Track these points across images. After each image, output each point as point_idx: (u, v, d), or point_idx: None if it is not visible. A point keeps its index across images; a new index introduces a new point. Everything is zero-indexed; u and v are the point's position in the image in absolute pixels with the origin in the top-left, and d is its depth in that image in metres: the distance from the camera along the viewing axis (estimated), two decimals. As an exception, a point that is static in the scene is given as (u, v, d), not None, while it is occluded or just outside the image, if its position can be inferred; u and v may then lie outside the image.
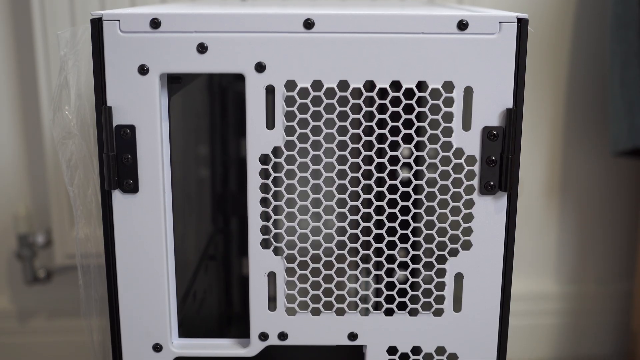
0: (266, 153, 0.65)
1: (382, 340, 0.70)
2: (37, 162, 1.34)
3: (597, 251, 1.50)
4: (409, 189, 0.67)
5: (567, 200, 1.46)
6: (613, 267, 1.51)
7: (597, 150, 1.44)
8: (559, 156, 1.43)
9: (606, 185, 1.46)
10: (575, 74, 1.38)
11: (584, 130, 1.42)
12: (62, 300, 1.41)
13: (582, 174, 1.45)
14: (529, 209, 1.45)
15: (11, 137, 1.33)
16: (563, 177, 1.44)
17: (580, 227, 1.48)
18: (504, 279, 0.68)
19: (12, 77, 1.30)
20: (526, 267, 1.48)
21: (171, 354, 0.70)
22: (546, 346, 1.52)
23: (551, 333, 1.52)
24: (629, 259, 1.51)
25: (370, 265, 0.69)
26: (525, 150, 1.37)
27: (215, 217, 1.14)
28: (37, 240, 1.34)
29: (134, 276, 0.68)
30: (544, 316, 1.51)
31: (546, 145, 1.42)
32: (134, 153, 0.65)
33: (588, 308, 1.52)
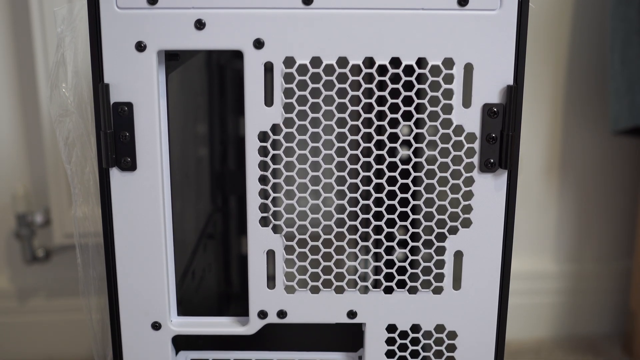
0: (265, 130, 0.65)
1: (382, 318, 0.70)
2: (35, 141, 1.33)
3: (596, 230, 1.50)
4: (408, 167, 0.67)
5: (567, 178, 1.46)
6: (612, 246, 1.51)
7: (597, 129, 1.43)
8: (558, 134, 1.43)
9: (606, 164, 1.46)
10: (576, 51, 1.38)
11: (584, 109, 1.42)
12: (62, 280, 1.41)
13: (582, 153, 1.45)
14: (528, 187, 1.44)
15: (8, 116, 1.32)
16: (563, 156, 1.44)
17: (579, 205, 1.48)
18: (503, 256, 0.68)
19: (9, 55, 1.29)
20: (525, 245, 1.48)
21: (170, 332, 0.70)
22: (544, 325, 1.52)
23: (550, 312, 1.52)
24: (628, 238, 1.51)
25: (370, 243, 0.69)
26: (525, 129, 1.36)
27: (214, 196, 1.13)
28: (36, 219, 1.34)
29: (133, 254, 0.68)
30: (543, 295, 1.51)
31: (546, 124, 1.42)
32: (132, 130, 0.65)
33: (587, 287, 1.52)
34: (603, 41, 1.37)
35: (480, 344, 0.70)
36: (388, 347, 0.71)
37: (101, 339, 0.78)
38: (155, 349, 0.71)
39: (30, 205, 1.35)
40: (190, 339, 0.74)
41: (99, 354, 0.78)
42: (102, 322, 0.79)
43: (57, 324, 1.42)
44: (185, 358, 0.73)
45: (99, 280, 0.76)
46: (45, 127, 1.27)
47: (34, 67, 1.27)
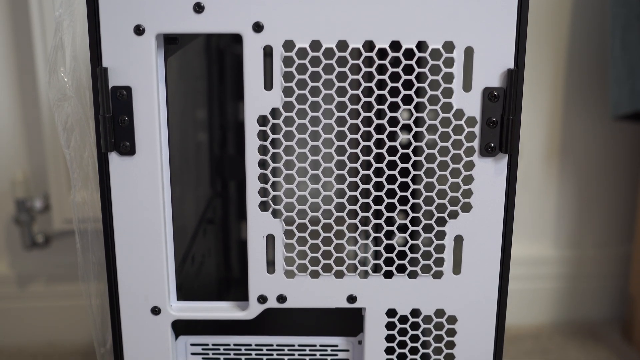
0: (264, 114, 0.65)
1: (382, 302, 0.70)
2: (34, 126, 1.33)
3: (596, 215, 1.50)
4: (408, 151, 0.67)
5: (567, 164, 1.45)
6: (612, 231, 1.51)
7: (598, 114, 1.43)
8: (559, 120, 1.42)
9: (606, 149, 1.46)
10: (577, 36, 1.37)
11: (585, 94, 1.41)
12: (61, 265, 1.41)
13: (582, 138, 1.44)
14: (528, 173, 1.44)
15: (7, 102, 1.32)
16: (563, 141, 1.44)
17: (579, 191, 1.48)
18: (504, 241, 0.68)
19: (7, 40, 1.29)
20: (525, 231, 1.48)
21: (169, 317, 0.70)
22: (544, 310, 1.53)
23: (549, 297, 1.52)
24: (628, 223, 1.51)
25: (370, 227, 0.69)
26: (525, 114, 1.36)
27: (214, 181, 1.13)
28: (35, 205, 1.34)
29: (132, 239, 0.68)
30: (542, 280, 1.51)
31: (546, 109, 1.41)
32: (131, 115, 0.65)
33: (586, 272, 1.52)
34: (604, 26, 1.36)
35: (480, 329, 0.70)
36: (388, 332, 0.71)
37: (101, 324, 0.78)
38: (154, 333, 0.70)
39: (30, 190, 1.34)
40: (190, 324, 0.74)
41: (98, 340, 0.78)
42: (101, 307, 0.78)
43: (56, 309, 1.42)
44: (185, 343, 0.73)
45: (98, 266, 0.76)
46: (44, 112, 1.26)
47: (32, 52, 1.27)
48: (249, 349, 0.74)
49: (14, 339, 1.43)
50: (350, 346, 0.73)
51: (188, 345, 0.74)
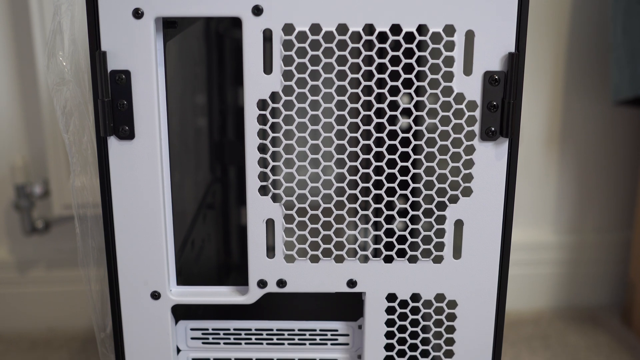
0: (264, 98, 0.64)
1: (382, 287, 0.70)
2: (33, 111, 1.33)
3: (596, 201, 1.50)
4: (408, 135, 0.66)
5: (567, 149, 1.45)
6: (612, 217, 1.51)
7: (598, 99, 1.42)
8: (559, 104, 1.42)
9: (607, 135, 1.45)
10: (578, 21, 1.37)
11: (585, 79, 1.41)
12: (61, 251, 1.41)
13: (583, 123, 1.44)
14: (528, 158, 1.44)
15: (6, 87, 1.32)
16: (563, 126, 1.43)
17: (579, 176, 1.47)
18: (504, 225, 0.68)
19: (6, 24, 1.28)
20: (525, 216, 1.48)
21: (169, 301, 0.70)
22: (544, 295, 1.53)
23: (549, 282, 1.52)
24: (628, 209, 1.50)
25: (370, 212, 0.69)
26: (525, 100, 1.36)
27: (214, 167, 1.13)
28: (35, 190, 1.34)
29: (131, 223, 0.67)
30: (542, 266, 1.51)
31: (546, 94, 1.41)
32: (130, 99, 0.64)
33: (586, 258, 1.52)
34: (605, 11, 1.36)
35: (480, 313, 0.70)
36: (388, 316, 0.71)
37: (100, 310, 0.78)
38: (154, 318, 0.70)
39: (29, 176, 1.34)
40: (190, 309, 0.74)
41: (98, 324, 0.78)
42: (101, 292, 0.78)
43: (56, 295, 1.42)
44: (185, 327, 0.73)
45: (97, 251, 0.76)
46: (43, 97, 1.26)
47: (30, 36, 1.26)
48: (248, 333, 0.74)
49: (14, 324, 1.43)
50: (350, 331, 0.73)
51: (188, 329, 0.74)
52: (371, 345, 0.72)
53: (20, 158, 1.33)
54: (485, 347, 0.72)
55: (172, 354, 0.72)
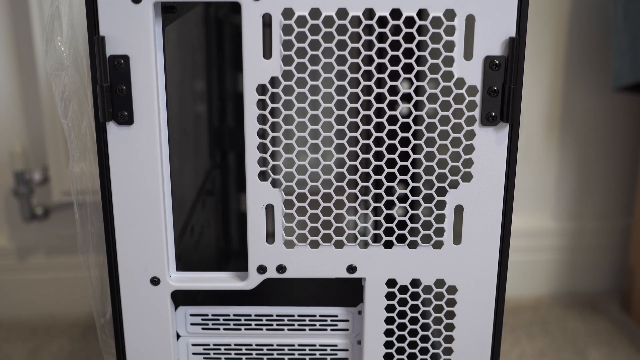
0: (263, 83, 0.64)
1: (382, 272, 0.69)
2: (32, 97, 1.32)
3: (596, 187, 1.50)
4: (408, 120, 0.66)
5: (567, 136, 1.45)
6: (612, 203, 1.51)
7: (599, 85, 1.42)
8: (559, 91, 1.42)
9: (607, 121, 1.45)
10: (578, 6, 1.36)
11: (586, 65, 1.41)
12: (61, 237, 1.41)
13: (583, 109, 1.44)
14: (528, 144, 1.44)
15: (4, 72, 1.31)
16: (563, 113, 1.43)
17: (579, 163, 1.47)
18: (504, 210, 0.67)
19: (3, 8, 1.28)
20: (525, 203, 1.48)
21: (169, 287, 0.70)
22: (544, 281, 1.53)
23: (549, 269, 1.52)
24: (628, 195, 1.50)
25: (370, 197, 0.68)
26: (525, 86, 1.35)
27: (213, 153, 1.13)
28: (34, 177, 1.33)
29: (131, 209, 0.67)
30: (542, 252, 1.51)
31: (547, 81, 1.41)
32: (128, 84, 0.64)
33: (586, 244, 1.52)
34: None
35: (480, 299, 0.70)
36: (388, 302, 0.70)
37: (100, 296, 0.78)
38: (154, 304, 0.70)
39: (29, 162, 1.34)
40: (189, 295, 0.74)
41: (98, 311, 0.78)
42: (100, 279, 0.78)
43: (57, 281, 1.43)
44: (185, 313, 0.73)
45: (97, 237, 0.76)
46: (42, 83, 1.26)
47: (29, 21, 1.26)
48: (248, 319, 0.74)
49: (14, 311, 1.44)
50: (350, 316, 0.73)
51: (188, 315, 0.73)
52: (371, 331, 0.72)
53: (19, 144, 1.33)
54: (485, 333, 0.72)
55: (172, 339, 0.72)
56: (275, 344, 0.74)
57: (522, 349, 1.33)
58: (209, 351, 0.75)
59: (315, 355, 0.75)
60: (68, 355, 1.31)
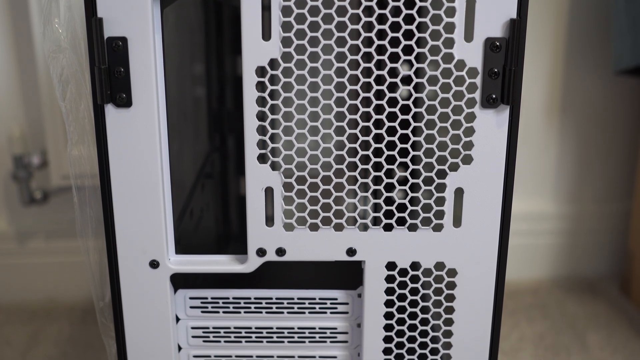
0: (262, 65, 0.63)
1: (381, 255, 0.69)
2: (30, 81, 1.32)
3: (596, 171, 1.50)
4: (408, 102, 0.66)
5: (567, 119, 1.44)
6: (612, 187, 1.51)
7: (599, 68, 1.41)
8: (560, 74, 1.41)
9: (607, 104, 1.44)
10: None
11: (587, 48, 1.40)
12: (60, 221, 1.40)
13: (583, 93, 1.43)
14: (528, 128, 1.43)
15: (1, 56, 1.30)
16: (563, 96, 1.43)
17: (579, 146, 1.47)
18: (504, 193, 0.67)
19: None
20: (524, 186, 1.48)
21: (168, 270, 0.70)
22: (543, 265, 1.53)
23: (548, 252, 1.52)
24: (628, 179, 1.50)
25: (369, 180, 0.68)
26: (525, 69, 1.35)
27: (212, 136, 1.12)
28: (33, 161, 1.33)
29: (129, 192, 0.67)
30: (541, 236, 1.51)
31: (547, 64, 1.40)
32: (127, 66, 0.64)
33: (586, 228, 1.52)
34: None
35: (480, 281, 0.70)
36: (387, 285, 0.70)
37: (99, 279, 0.78)
38: (153, 287, 0.70)
39: (27, 146, 1.34)
40: (189, 279, 0.74)
41: (97, 294, 0.78)
42: (100, 263, 0.78)
43: (56, 265, 1.43)
44: (184, 296, 0.73)
45: (96, 220, 0.76)
46: (40, 66, 1.25)
47: (26, 3, 1.25)
48: (248, 302, 0.74)
49: (14, 295, 1.44)
50: (350, 299, 0.73)
51: (187, 298, 0.73)
52: (371, 314, 0.71)
53: (17, 128, 1.32)
54: (485, 316, 0.71)
55: (171, 322, 0.72)
56: (275, 327, 0.74)
57: (521, 332, 1.33)
58: (208, 334, 0.75)
59: (315, 338, 0.75)
60: (68, 339, 1.31)
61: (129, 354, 0.73)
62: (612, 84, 1.43)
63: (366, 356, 0.73)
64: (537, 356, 1.26)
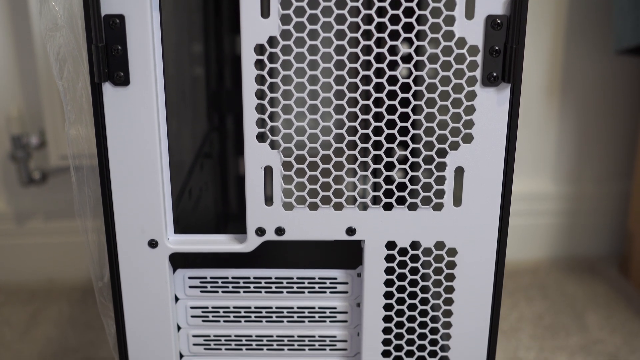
0: (261, 43, 0.63)
1: (381, 235, 0.69)
2: (28, 60, 1.31)
3: (596, 151, 1.49)
4: (409, 81, 0.65)
5: (567, 99, 1.44)
6: (611, 167, 1.51)
7: (600, 48, 1.41)
8: (560, 53, 1.40)
9: (608, 84, 1.44)
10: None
11: (587, 27, 1.39)
12: (59, 202, 1.40)
13: (584, 72, 1.43)
14: (528, 108, 1.43)
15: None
16: (564, 75, 1.42)
17: (579, 126, 1.46)
18: (505, 172, 0.67)
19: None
20: (524, 167, 1.48)
21: (167, 249, 0.69)
22: (542, 245, 1.53)
23: (548, 233, 1.52)
24: (627, 159, 1.50)
25: (369, 159, 0.68)
26: (525, 48, 1.34)
27: (211, 116, 1.12)
28: (31, 141, 1.33)
29: (128, 171, 0.67)
30: (541, 216, 1.51)
31: (547, 43, 1.39)
32: (124, 44, 0.63)
33: (585, 208, 1.52)
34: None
35: (480, 261, 0.70)
36: (387, 264, 0.70)
37: (98, 259, 0.78)
38: (152, 266, 0.70)
39: (25, 126, 1.33)
40: (188, 258, 0.74)
41: (96, 274, 0.78)
42: (98, 243, 0.78)
43: (55, 246, 1.42)
44: (183, 276, 0.73)
45: (94, 200, 0.75)
46: (37, 45, 1.24)
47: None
48: (247, 282, 0.74)
49: (13, 275, 1.44)
50: (350, 279, 0.73)
51: (186, 278, 0.73)
52: (370, 293, 0.71)
53: (15, 108, 1.32)
54: (485, 295, 0.71)
55: (170, 302, 0.72)
56: (274, 307, 0.74)
57: (520, 312, 1.33)
58: (207, 314, 0.75)
59: (314, 317, 0.75)
60: (68, 319, 1.31)
61: (128, 333, 0.73)
62: (612, 63, 1.42)
63: (366, 336, 0.73)
64: (536, 336, 1.26)
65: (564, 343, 1.24)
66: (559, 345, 1.23)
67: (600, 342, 1.24)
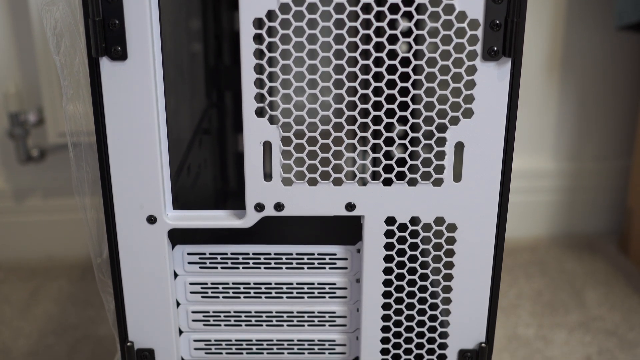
0: (260, 17, 0.62)
1: (381, 210, 0.69)
2: (25, 36, 1.30)
3: (595, 128, 1.49)
4: (408, 55, 0.65)
5: (568, 76, 1.43)
6: (611, 144, 1.50)
7: (601, 24, 1.40)
8: (560, 30, 1.40)
9: (608, 61, 1.43)
10: (581, -57, 1.34)
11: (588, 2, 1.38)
12: (57, 179, 1.40)
13: (584, 49, 1.42)
14: (528, 85, 1.42)
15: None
16: (564, 52, 1.41)
17: (580, 103, 1.46)
18: (505, 147, 0.66)
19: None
20: (524, 144, 1.47)
21: (165, 225, 0.69)
22: (542, 223, 1.53)
23: (547, 210, 1.52)
24: (627, 136, 1.49)
25: (369, 134, 0.67)
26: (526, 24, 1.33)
27: (209, 92, 1.11)
28: (29, 118, 1.32)
29: (126, 146, 0.66)
30: (541, 193, 1.51)
31: (548, 19, 1.38)
32: (121, 18, 0.62)
33: (585, 185, 1.52)
34: None
35: (479, 237, 0.70)
36: (387, 240, 0.70)
37: (97, 236, 0.78)
38: (151, 243, 0.70)
39: (23, 104, 1.33)
40: (186, 235, 0.74)
41: (94, 250, 0.78)
42: (97, 220, 0.78)
43: (54, 223, 1.42)
44: (182, 252, 0.73)
45: (92, 176, 0.75)
46: (34, 21, 1.23)
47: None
48: (246, 258, 0.73)
49: (13, 253, 1.44)
50: (349, 255, 0.73)
51: (185, 254, 0.73)
52: (370, 269, 0.71)
53: (13, 85, 1.31)
54: (485, 271, 0.71)
55: (169, 278, 0.72)
56: (273, 283, 0.74)
57: (519, 289, 1.34)
58: (206, 290, 0.74)
59: (314, 293, 0.74)
60: (68, 296, 1.31)
61: (127, 309, 0.73)
62: (613, 40, 1.41)
63: (365, 312, 0.73)
64: (535, 313, 1.26)
65: (563, 320, 1.24)
66: (558, 322, 1.23)
67: (599, 319, 1.24)
